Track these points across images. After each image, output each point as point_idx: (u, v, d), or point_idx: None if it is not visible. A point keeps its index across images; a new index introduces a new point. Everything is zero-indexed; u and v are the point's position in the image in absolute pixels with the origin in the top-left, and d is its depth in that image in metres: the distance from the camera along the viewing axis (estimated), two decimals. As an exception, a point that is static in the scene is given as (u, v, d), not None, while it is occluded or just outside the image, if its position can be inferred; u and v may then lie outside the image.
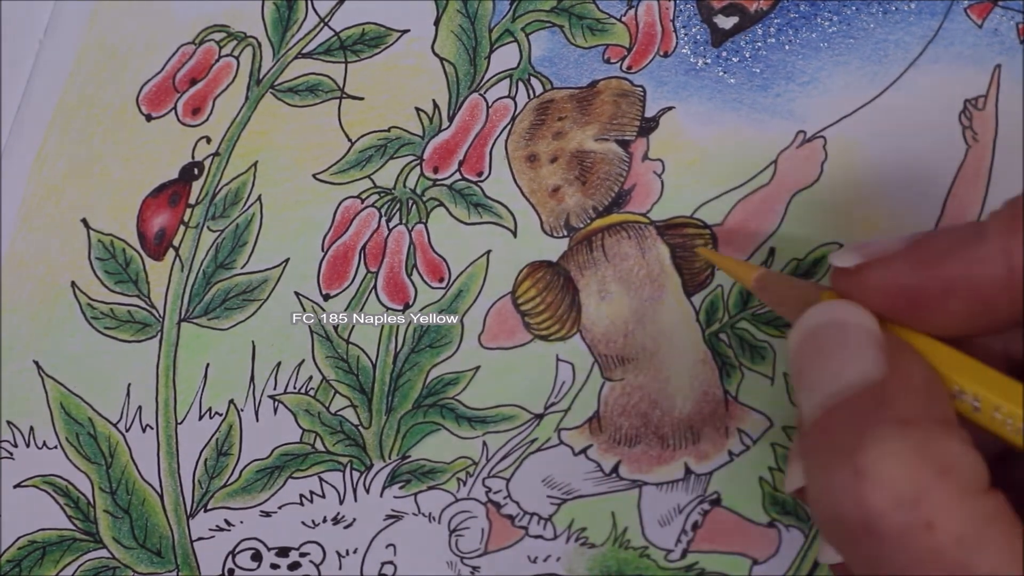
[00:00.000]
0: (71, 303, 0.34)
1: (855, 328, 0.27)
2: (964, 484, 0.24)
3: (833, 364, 0.26)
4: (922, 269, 0.27)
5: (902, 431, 0.24)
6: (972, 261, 0.26)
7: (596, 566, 0.37)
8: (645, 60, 0.34)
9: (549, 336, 0.35)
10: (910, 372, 0.26)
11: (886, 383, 0.26)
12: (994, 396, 0.26)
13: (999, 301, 0.26)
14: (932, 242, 0.27)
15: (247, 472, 0.35)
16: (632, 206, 0.35)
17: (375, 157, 0.34)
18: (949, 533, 0.23)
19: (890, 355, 0.26)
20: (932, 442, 0.24)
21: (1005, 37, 0.35)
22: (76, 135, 0.33)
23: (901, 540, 0.23)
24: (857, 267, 0.28)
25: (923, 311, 0.27)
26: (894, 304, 0.27)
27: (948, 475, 0.23)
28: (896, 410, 0.25)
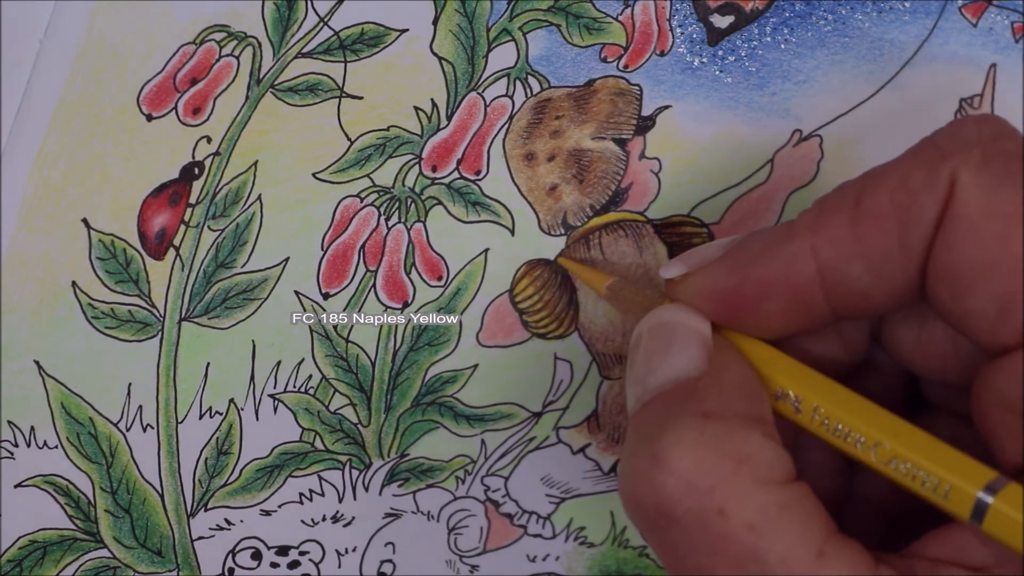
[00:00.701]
0: (71, 303, 0.34)
1: (681, 328, 0.28)
2: (759, 475, 0.25)
3: (657, 360, 0.28)
4: (736, 272, 0.28)
5: (702, 422, 0.25)
6: (781, 262, 0.27)
7: (595, 565, 0.37)
8: (642, 59, 0.35)
9: (547, 334, 0.35)
10: (726, 371, 0.27)
11: (699, 380, 0.27)
12: (813, 397, 0.27)
13: (812, 299, 0.27)
14: (745, 246, 0.28)
15: (247, 471, 0.35)
16: (629, 204, 0.35)
17: (374, 156, 0.34)
18: (741, 519, 0.24)
19: (712, 355, 0.27)
20: (731, 434, 0.25)
21: (1000, 36, 0.36)
22: (76, 135, 0.33)
23: (694, 525, 0.24)
24: (682, 276, 0.29)
25: (742, 313, 0.28)
26: (718, 308, 0.28)
27: (743, 465, 0.24)
28: (702, 404, 0.26)
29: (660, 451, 0.25)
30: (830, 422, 0.26)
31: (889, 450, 0.25)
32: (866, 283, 0.26)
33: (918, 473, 0.25)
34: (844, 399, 0.27)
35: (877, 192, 0.26)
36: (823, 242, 0.26)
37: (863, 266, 0.26)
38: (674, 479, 0.25)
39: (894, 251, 0.26)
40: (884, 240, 0.26)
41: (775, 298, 0.27)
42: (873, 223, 0.26)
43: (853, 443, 0.26)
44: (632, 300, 0.32)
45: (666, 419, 0.25)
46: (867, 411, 0.26)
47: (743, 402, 0.26)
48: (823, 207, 0.27)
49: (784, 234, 0.27)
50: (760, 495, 0.24)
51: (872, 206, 0.26)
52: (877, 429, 0.26)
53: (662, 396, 0.27)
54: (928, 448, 0.25)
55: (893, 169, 0.26)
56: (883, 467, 0.26)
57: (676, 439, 0.25)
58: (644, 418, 0.27)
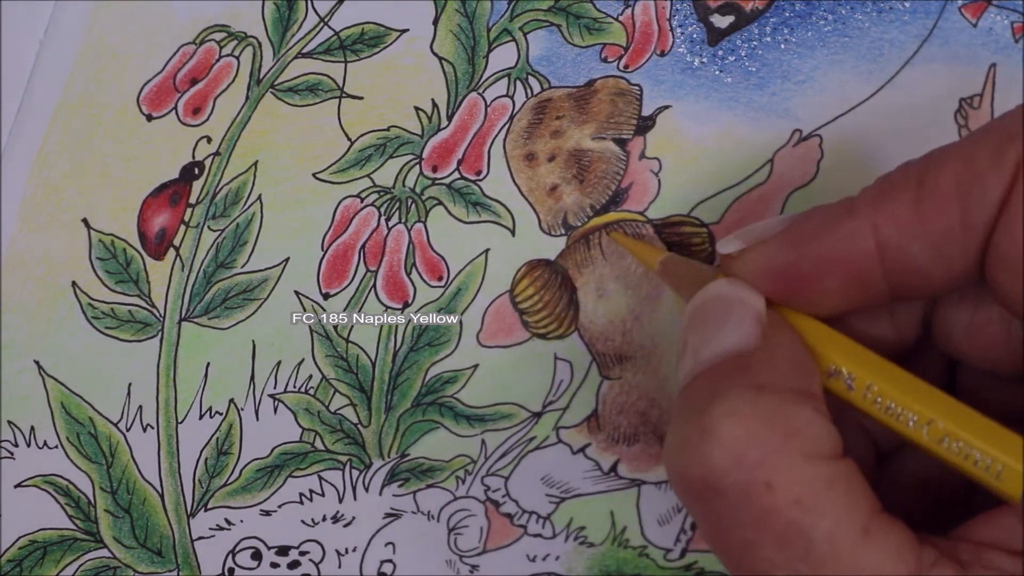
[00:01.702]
0: (71, 303, 0.34)
1: (736, 303, 0.28)
2: (808, 449, 0.24)
3: (710, 334, 0.27)
4: (795, 249, 0.27)
5: (753, 395, 0.25)
6: (842, 238, 0.27)
7: (595, 565, 0.37)
8: (642, 59, 0.35)
9: (547, 334, 0.35)
10: (779, 345, 0.27)
11: (752, 353, 0.26)
12: (867, 375, 0.27)
13: (871, 276, 0.27)
14: (805, 222, 0.28)
15: (247, 471, 0.35)
16: (629, 204, 0.35)
17: (374, 156, 0.34)
18: (787, 494, 0.24)
19: (766, 330, 0.27)
20: (781, 408, 0.25)
21: (1000, 36, 0.36)
22: (76, 135, 0.33)
23: (740, 498, 0.24)
24: (739, 252, 0.28)
25: (800, 289, 0.28)
26: (774, 285, 0.28)
27: (792, 439, 0.24)
28: (754, 377, 0.25)
29: (710, 422, 0.24)
30: (883, 400, 0.26)
31: (942, 428, 0.25)
32: (926, 263, 0.26)
33: (971, 452, 0.25)
34: (897, 377, 0.26)
35: (941, 171, 0.25)
36: (884, 220, 0.26)
37: (924, 245, 0.26)
38: (722, 450, 0.24)
39: (956, 231, 0.25)
40: (946, 220, 0.25)
41: (833, 275, 0.27)
42: (936, 202, 0.25)
43: (906, 421, 0.26)
44: (685, 275, 0.31)
45: (717, 391, 0.25)
46: (920, 389, 0.26)
47: (795, 377, 0.26)
48: (885, 185, 0.27)
49: (844, 211, 0.27)
50: (808, 470, 0.24)
51: (936, 185, 0.25)
52: (930, 408, 0.26)
53: (714, 369, 0.26)
54: (982, 428, 0.25)
55: (958, 149, 0.26)
56: (935, 446, 0.25)
57: (727, 410, 0.25)
58: (695, 390, 0.26)
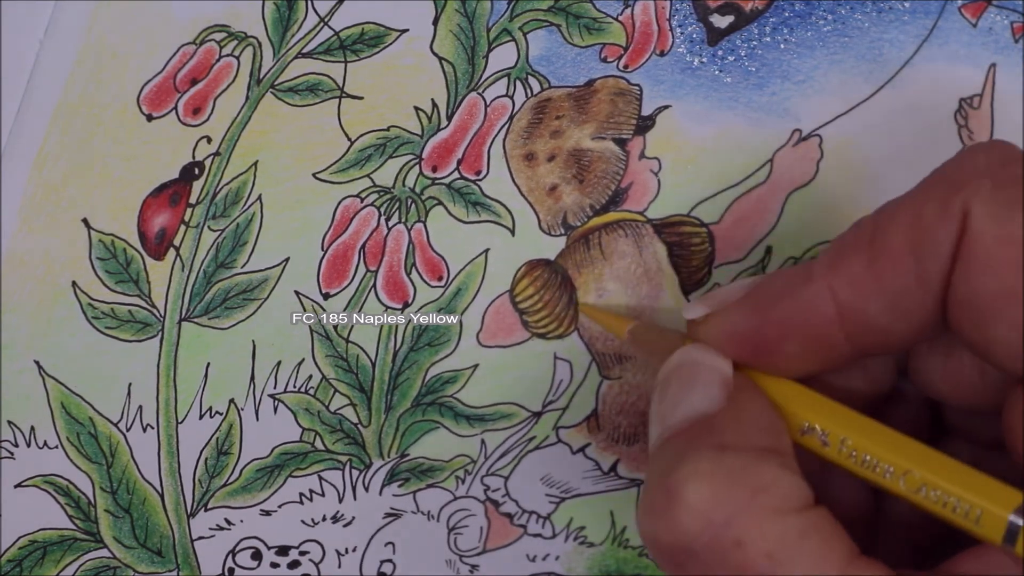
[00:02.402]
0: (71, 303, 0.34)
1: (702, 367, 0.28)
2: (775, 504, 0.24)
3: (677, 399, 0.28)
4: (757, 315, 0.28)
5: (718, 454, 0.25)
6: (800, 304, 0.27)
7: (595, 565, 0.37)
8: (641, 59, 0.35)
9: (547, 334, 0.35)
10: (744, 406, 0.27)
11: (717, 415, 0.27)
12: (840, 430, 0.27)
13: (833, 339, 0.27)
14: (765, 288, 0.28)
15: (247, 471, 0.35)
16: (629, 204, 0.35)
17: (374, 156, 0.34)
18: (759, 550, 0.24)
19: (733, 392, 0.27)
20: (746, 465, 0.25)
21: (1000, 36, 0.36)
22: (76, 135, 0.33)
23: (712, 558, 0.24)
24: (704, 317, 0.29)
25: (763, 354, 0.28)
26: (739, 349, 0.28)
27: (759, 496, 0.24)
28: (719, 437, 0.26)
29: (675, 484, 0.25)
30: (858, 454, 0.26)
31: (918, 478, 0.25)
32: (886, 320, 0.26)
33: (948, 499, 0.25)
34: (870, 430, 0.27)
35: (891, 229, 0.26)
36: (841, 283, 0.26)
37: (882, 304, 0.26)
38: (690, 513, 0.24)
39: (912, 287, 0.25)
40: (901, 277, 0.26)
41: (795, 339, 0.27)
42: (889, 261, 0.26)
43: (882, 473, 0.26)
44: (654, 342, 0.32)
45: (682, 453, 0.25)
46: (894, 441, 0.26)
47: (760, 435, 0.26)
48: (840, 246, 0.27)
49: (802, 276, 0.27)
50: (777, 524, 0.24)
51: (887, 243, 0.26)
52: (905, 458, 0.26)
53: (680, 433, 0.27)
54: (957, 474, 0.25)
55: (906, 204, 0.26)
56: (913, 495, 0.26)
57: (692, 471, 0.25)
58: (662, 454, 0.27)
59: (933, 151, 0.35)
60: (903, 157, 0.36)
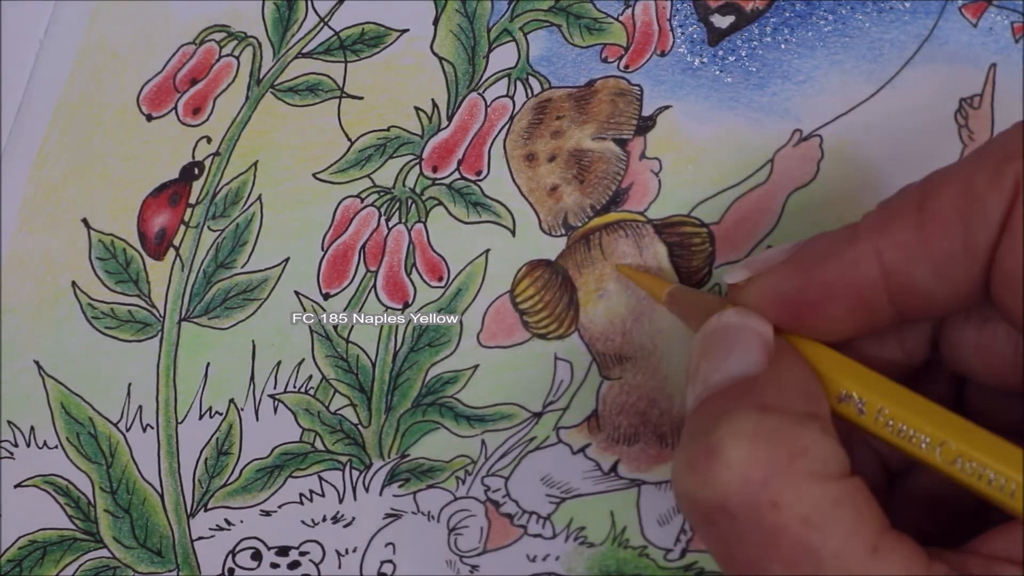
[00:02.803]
0: (71, 303, 0.34)
1: (744, 330, 0.28)
2: (814, 468, 0.24)
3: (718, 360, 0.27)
4: (800, 277, 0.28)
5: (759, 415, 0.25)
6: (845, 265, 0.27)
7: (595, 565, 0.37)
8: (642, 59, 0.35)
9: (547, 335, 0.35)
10: (786, 369, 0.27)
11: (759, 377, 0.27)
12: (878, 399, 0.27)
13: (876, 302, 0.27)
14: (809, 250, 0.28)
15: (247, 471, 0.35)
16: (629, 205, 0.35)
17: (374, 156, 0.34)
18: (794, 513, 0.24)
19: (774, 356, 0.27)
20: (786, 428, 0.25)
21: (1000, 36, 0.36)
22: (76, 135, 0.33)
23: (747, 518, 0.24)
24: (746, 281, 0.29)
25: (806, 316, 0.28)
26: (781, 312, 0.28)
27: (797, 459, 0.24)
28: (759, 399, 0.26)
29: (715, 442, 0.25)
30: (895, 423, 0.26)
31: (955, 449, 0.25)
32: (930, 285, 0.26)
33: (984, 472, 0.25)
34: (908, 400, 0.27)
35: (941, 194, 0.26)
36: (887, 245, 0.26)
37: (928, 268, 0.26)
38: (728, 471, 0.24)
39: (959, 253, 0.25)
40: (949, 243, 0.25)
41: (839, 301, 0.27)
42: (938, 226, 0.25)
43: (918, 444, 0.26)
44: (693, 305, 0.32)
45: (723, 412, 0.25)
46: (931, 411, 0.26)
47: (801, 399, 0.26)
48: (886, 210, 0.27)
49: (847, 237, 0.27)
50: (814, 488, 0.24)
51: (937, 208, 0.25)
52: (942, 429, 0.26)
53: (721, 393, 0.27)
54: (994, 447, 0.25)
55: (957, 171, 0.26)
56: (948, 467, 0.25)
57: (731, 430, 0.25)
58: (701, 413, 0.26)
59: (933, 151, 0.35)
60: (903, 157, 0.36)
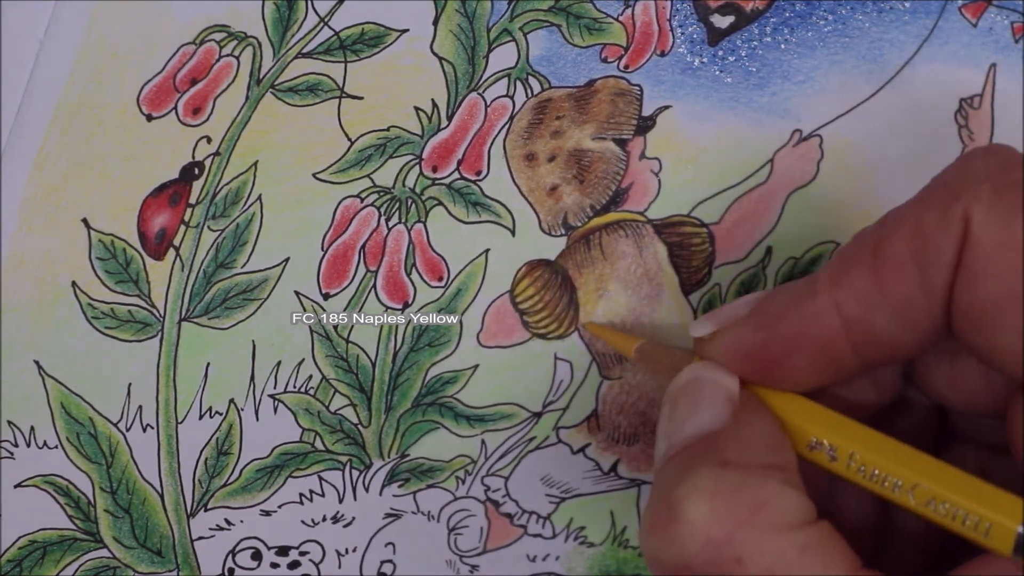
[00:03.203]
0: (71, 303, 0.34)
1: (709, 384, 0.28)
2: (776, 520, 0.24)
3: (683, 418, 0.28)
4: (763, 331, 0.28)
5: (719, 472, 0.25)
6: (806, 319, 0.27)
7: (595, 565, 0.37)
8: (642, 59, 0.35)
9: (547, 334, 0.35)
10: (748, 423, 0.27)
11: (720, 432, 0.27)
12: (848, 444, 0.27)
13: (840, 352, 0.27)
14: (771, 304, 0.28)
15: (247, 471, 0.35)
16: (629, 204, 0.35)
17: (374, 156, 0.34)
18: (759, 566, 0.24)
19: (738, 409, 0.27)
20: (747, 481, 0.25)
21: (1000, 36, 0.36)
22: (76, 135, 0.33)
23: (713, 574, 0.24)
24: (711, 335, 0.29)
25: (770, 370, 0.28)
26: (746, 365, 0.28)
27: (759, 512, 0.24)
28: (721, 455, 0.26)
29: (675, 500, 0.25)
30: (867, 468, 0.26)
31: (927, 491, 0.25)
32: (892, 331, 0.26)
33: (957, 512, 0.25)
34: (879, 444, 0.27)
35: (894, 239, 0.26)
36: (845, 296, 0.26)
37: (887, 315, 0.26)
38: (690, 530, 0.25)
39: (916, 296, 0.26)
40: (905, 287, 0.26)
41: (802, 354, 0.27)
42: (893, 271, 0.26)
43: (891, 487, 0.26)
44: (661, 361, 0.32)
45: (685, 470, 0.26)
46: (902, 454, 0.26)
47: (763, 452, 0.26)
48: (843, 258, 0.27)
49: (807, 290, 0.27)
50: (777, 540, 0.24)
51: (890, 254, 0.26)
52: (913, 471, 0.26)
53: (684, 451, 0.27)
54: (965, 486, 0.25)
55: (907, 213, 0.26)
56: (922, 509, 0.26)
57: (692, 488, 0.25)
58: (665, 473, 0.27)
59: (933, 151, 0.35)
60: (903, 157, 0.36)
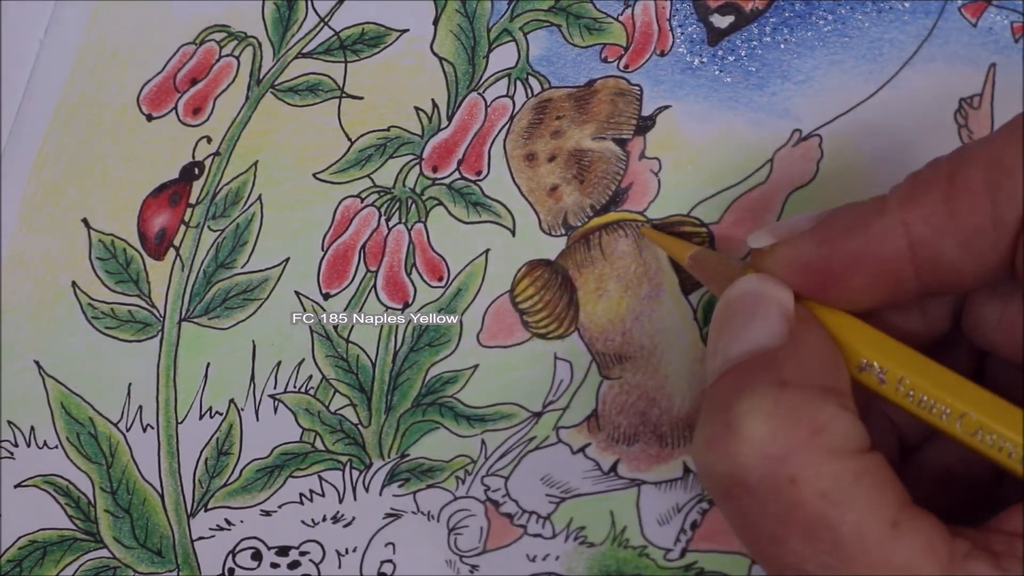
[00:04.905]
0: (71, 303, 0.34)
1: (765, 299, 0.28)
2: (833, 444, 0.24)
3: (738, 331, 0.27)
4: (826, 246, 0.27)
5: (777, 391, 0.25)
6: (873, 236, 0.27)
7: (595, 565, 0.37)
8: (642, 59, 0.35)
9: (547, 334, 0.35)
10: (806, 342, 0.27)
11: (778, 350, 0.26)
12: (898, 368, 0.27)
13: (902, 274, 0.27)
14: (836, 219, 0.28)
15: (247, 471, 0.35)
16: (629, 204, 0.35)
17: (375, 156, 0.34)
18: (813, 488, 0.24)
19: (794, 326, 0.27)
20: (805, 403, 0.25)
21: (999, 36, 0.36)
22: (76, 135, 0.33)
23: (766, 493, 0.24)
24: (771, 247, 0.28)
25: (830, 286, 0.28)
26: (804, 280, 0.28)
27: (817, 435, 0.24)
28: (779, 373, 0.26)
29: (734, 419, 0.25)
30: (915, 393, 0.26)
31: (975, 421, 0.25)
32: (957, 259, 0.26)
33: (1004, 444, 0.25)
34: (930, 371, 0.27)
35: (971, 169, 0.26)
36: (915, 218, 0.26)
37: (955, 243, 0.26)
38: (747, 447, 0.24)
39: (987, 228, 0.25)
40: (977, 217, 0.25)
41: (864, 272, 0.27)
42: (967, 200, 0.25)
43: (939, 414, 0.26)
44: (715, 270, 0.31)
45: (742, 388, 0.25)
46: (953, 383, 0.26)
47: (821, 373, 0.26)
48: (915, 183, 0.27)
49: (876, 208, 0.27)
50: (833, 464, 0.24)
51: (966, 183, 0.25)
52: (963, 401, 0.26)
53: (740, 366, 0.26)
54: (1014, 420, 0.25)
55: (987, 146, 0.26)
56: (969, 438, 0.25)
57: (751, 407, 0.25)
58: (721, 387, 0.26)
59: (933, 151, 0.35)
60: (903, 157, 0.36)
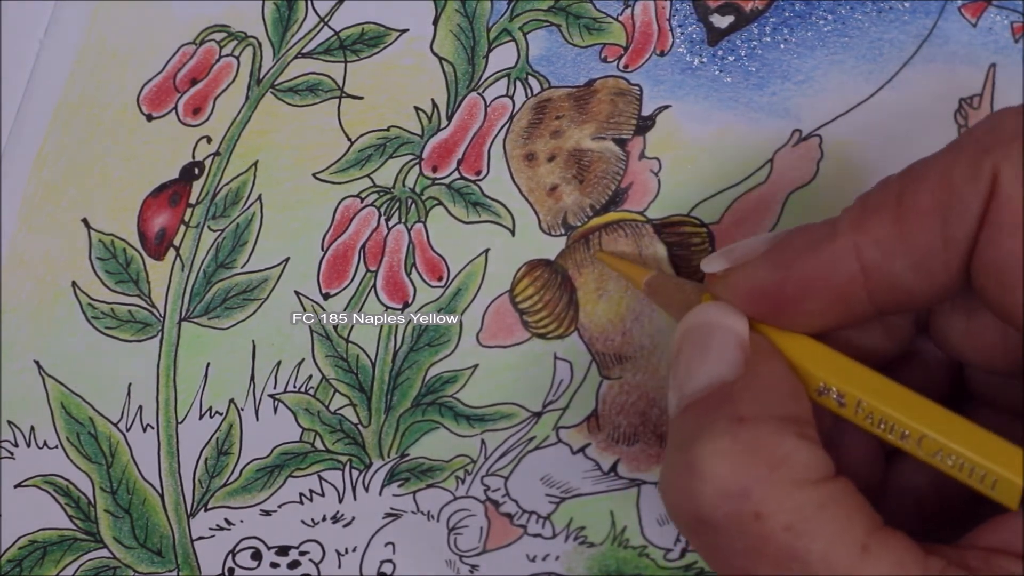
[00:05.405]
0: (71, 303, 0.34)
1: (719, 330, 0.28)
2: (794, 476, 0.25)
3: (694, 365, 0.28)
4: (780, 271, 0.27)
5: (735, 428, 0.25)
6: (825, 261, 0.27)
7: (595, 565, 0.37)
8: (642, 59, 0.35)
9: (547, 334, 0.35)
10: (762, 372, 0.27)
11: (735, 383, 0.27)
12: (856, 391, 0.27)
13: (855, 296, 0.27)
14: (789, 243, 0.28)
15: (247, 471, 0.35)
16: (629, 204, 0.35)
17: (374, 156, 0.34)
18: (777, 522, 0.24)
19: (750, 356, 0.27)
20: (764, 437, 0.25)
21: (999, 36, 0.36)
22: (76, 135, 0.33)
23: (732, 530, 0.25)
24: (724, 272, 0.29)
25: (785, 310, 0.28)
26: (758, 305, 0.28)
27: (777, 468, 0.25)
28: (736, 408, 0.26)
29: (695, 459, 0.25)
30: (875, 416, 0.26)
31: (934, 442, 0.25)
32: (910, 280, 0.26)
33: (964, 464, 0.25)
34: (888, 392, 0.27)
35: (919, 189, 0.26)
36: (866, 241, 0.26)
37: (907, 263, 0.26)
38: (709, 487, 0.25)
39: (938, 248, 0.25)
40: (928, 237, 0.25)
41: (817, 296, 0.27)
42: (916, 220, 0.25)
43: (898, 436, 0.26)
44: (672, 295, 0.32)
45: (701, 425, 0.26)
46: (912, 403, 0.26)
47: (779, 403, 0.26)
48: (865, 204, 0.27)
49: (827, 232, 0.27)
50: (796, 496, 0.24)
51: (915, 203, 0.26)
52: (922, 422, 0.26)
53: (698, 403, 0.27)
54: (974, 439, 0.25)
55: (935, 164, 0.26)
56: (930, 459, 0.26)
57: (710, 446, 0.25)
58: (681, 425, 0.27)
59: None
60: (903, 157, 0.35)
